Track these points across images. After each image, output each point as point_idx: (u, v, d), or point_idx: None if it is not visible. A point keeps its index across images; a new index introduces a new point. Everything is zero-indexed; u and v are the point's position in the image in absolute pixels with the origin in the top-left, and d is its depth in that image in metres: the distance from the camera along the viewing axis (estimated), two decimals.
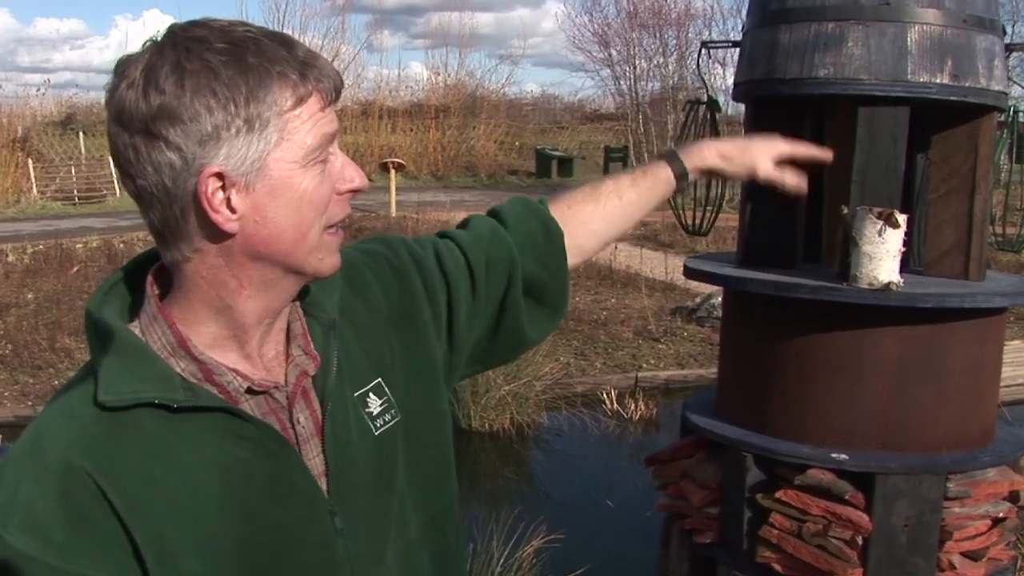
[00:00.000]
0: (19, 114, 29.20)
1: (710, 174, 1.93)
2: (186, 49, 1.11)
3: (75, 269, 13.59)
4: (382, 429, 1.35)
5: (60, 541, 1.11)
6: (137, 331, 1.21)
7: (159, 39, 1.14)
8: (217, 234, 1.16)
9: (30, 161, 25.03)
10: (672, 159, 1.86)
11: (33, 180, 24.57)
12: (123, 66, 1.13)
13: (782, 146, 1.94)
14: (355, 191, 1.25)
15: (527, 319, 1.63)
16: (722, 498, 2.50)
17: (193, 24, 1.15)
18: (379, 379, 1.38)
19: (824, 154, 1.97)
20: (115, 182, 25.40)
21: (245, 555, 1.19)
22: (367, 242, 1.49)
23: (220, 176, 1.13)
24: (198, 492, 1.16)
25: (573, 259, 1.73)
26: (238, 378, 1.22)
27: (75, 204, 24.11)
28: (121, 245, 15.81)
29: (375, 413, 1.35)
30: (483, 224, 1.65)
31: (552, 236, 1.69)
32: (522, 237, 1.65)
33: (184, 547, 1.15)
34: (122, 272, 1.28)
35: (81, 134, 28.04)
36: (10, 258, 14.70)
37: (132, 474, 1.14)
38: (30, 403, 8.15)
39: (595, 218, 1.79)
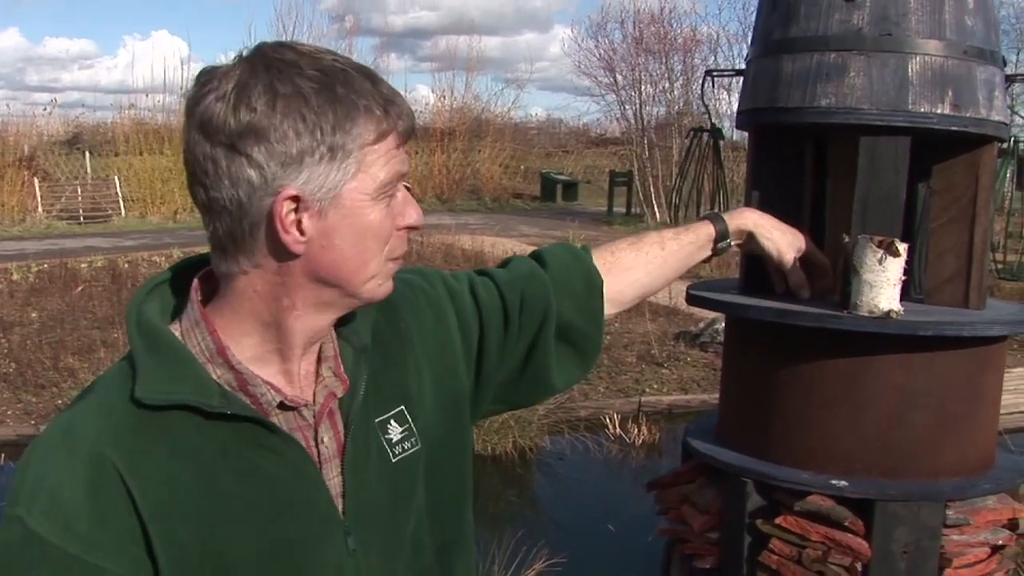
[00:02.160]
0: (26, 133, 29.31)
1: (748, 239, 2.00)
2: (279, 71, 1.14)
3: (79, 289, 13.61)
4: (400, 456, 1.37)
5: (82, 532, 1.13)
6: (177, 333, 1.24)
7: (248, 56, 1.18)
8: (282, 253, 1.19)
9: (36, 180, 25.13)
10: (715, 218, 1.96)
11: (39, 199, 24.65)
12: (208, 76, 1.16)
13: (804, 244, 2.12)
14: (412, 228, 1.28)
15: (556, 364, 1.65)
16: (722, 523, 2.51)
17: (281, 46, 1.19)
18: (402, 407, 1.40)
19: (824, 266, 2.24)
20: (120, 202, 25.49)
21: (258, 567, 1.21)
22: (404, 272, 1.52)
23: (296, 199, 1.16)
24: (219, 499, 1.18)
25: (611, 308, 1.77)
26: (272, 391, 1.24)
27: (80, 223, 24.18)
28: (126, 265, 15.83)
29: (394, 440, 1.37)
30: (523, 264, 1.69)
31: (592, 283, 1.72)
32: (561, 281, 1.68)
33: (198, 553, 1.17)
34: (168, 273, 1.32)
35: (87, 154, 28.13)
36: (15, 277, 14.74)
37: (158, 474, 1.16)
38: (33, 422, 8.17)
39: (637, 266, 1.83)
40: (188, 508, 1.16)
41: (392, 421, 1.38)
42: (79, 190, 25.79)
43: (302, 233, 1.17)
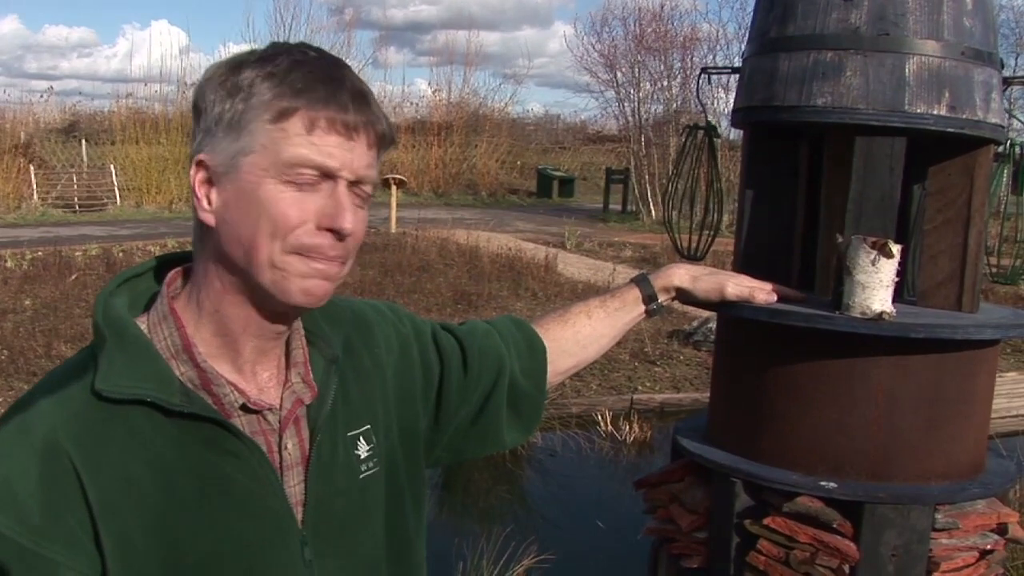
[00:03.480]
0: (22, 120, 29.32)
1: (679, 293, 2.02)
2: (262, 61, 1.20)
3: (73, 277, 13.60)
4: (366, 474, 1.36)
5: (36, 524, 1.11)
6: (144, 327, 1.23)
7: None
8: (205, 227, 1.21)
9: (32, 167, 25.07)
10: (641, 282, 1.98)
11: (34, 186, 24.61)
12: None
13: (747, 280, 2.14)
14: (333, 230, 1.22)
15: (506, 420, 1.68)
16: (710, 523, 2.50)
17: (306, 46, 1.24)
18: (369, 425, 1.39)
19: (794, 295, 2.24)
20: (115, 191, 25.43)
21: (208, 567, 1.19)
22: (376, 303, 1.55)
23: (202, 165, 1.20)
24: (172, 497, 1.16)
25: (550, 377, 1.80)
26: (235, 392, 1.22)
27: (75, 212, 24.15)
28: (120, 254, 15.81)
29: (363, 456, 1.36)
30: (478, 324, 1.73)
31: (535, 349, 1.76)
32: (511, 344, 1.72)
33: (149, 550, 1.15)
34: (143, 267, 1.32)
35: (83, 142, 28.08)
36: (9, 264, 14.71)
37: (111, 468, 1.14)
38: None
39: (565, 337, 1.85)
40: (140, 503, 1.15)
41: (361, 438, 1.37)
42: (75, 178, 25.76)
43: (209, 203, 1.20)
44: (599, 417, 8.33)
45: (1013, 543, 2.46)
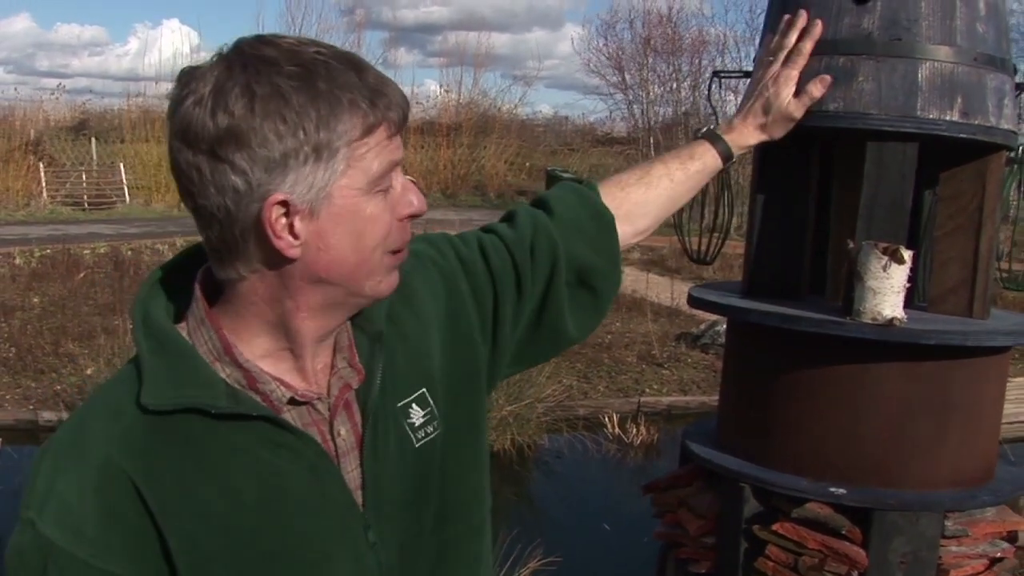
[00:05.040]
0: (32, 118, 29.35)
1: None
2: (256, 71, 1.10)
3: (82, 275, 13.63)
4: (423, 440, 1.35)
5: (92, 536, 1.12)
6: (184, 333, 1.21)
7: (227, 54, 1.13)
8: (278, 259, 1.16)
9: (41, 165, 25.13)
10: (716, 141, 1.91)
11: (44, 184, 24.68)
12: (188, 79, 1.12)
13: (793, 72, 2.06)
14: (415, 216, 1.23)
15: (570, 312, 1.62)
16: (718, 528, 2.50)
17: (261, 41, 1.14)
18: (423, 389, 1.37)
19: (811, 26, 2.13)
20: (125, 189, 25.50)
21: (275, 564, 1.19)
22: (412, 242, 1.46)
23: (284, 203, 1.12)
24: (232, 499, 1.17)
25: (627, 238, 1.75)
26: (281, 387, 1.22)
27: (84, 210, 24.21)
28: (129, 252, 15.85)
29: (417, 424, 1.35)
30: (527, 217, 1.64)
31: (603, 221, 1.69)
32: (569, 225, 1.64)
33: (215, 553, 1.16)
34: (170, 265, 1.30)
35: (93, 140, 28.13)
36: (17, 261, 14.76)
37: (169, 477, 1.14)
38: (32, 407, 8.18)
39: (648, 200, 1.81)
40: (202, 509, 1.15)
41: (414, 404, 1.35)
42: (84, 176, 25.81)
43: (295, 237, 1.14)
44: (606, 419, 8.33)
45: (1023, 551, 2.45)
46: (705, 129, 1.98)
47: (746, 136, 1.96)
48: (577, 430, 8.22)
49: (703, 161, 1.89)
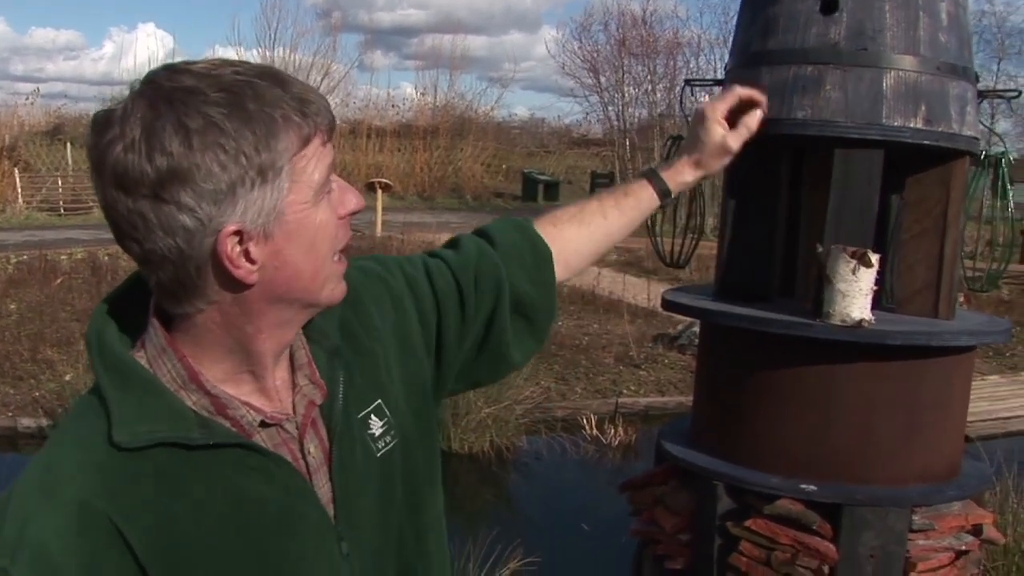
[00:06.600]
0: (6, 123, 29.15)
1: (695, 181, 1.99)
2: (184, 104, 1.06)
3: (59, 281, 13.56)
4: (383, 450, 1.37)
5: None
6: (143, 362, 1.19)
7: (143, 91, 1.09)
8: (237, 287, 1.14)
9: (16, 171, 24.93)
10: (653, 178, 1.91)
11: (19, 190, 24.47)
12: (106, 123, 1.08)
13: (721, 108, 1.98)
14: (353, 213, 1.23)
15: (513, 339, 1.64)
16: (693, 525, 2.55)
17: (174, 71, 1.10)
18: (379, 400, 1.39)
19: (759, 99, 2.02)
20: None
21: None
22: (360, 259, 1.48)
23: (239, 232, 1.10)
24: (211, 529, 1.16)
25: (560, 275, 1.75)
26: (251, 412, 1.21)
27: (60, 215, 24.03)
28: (106, 257, 15.74)
29: (376, 435, 1.36)
30: (471, 243, 1.66)
31: (540, 254, 1.70)
32: (510, 256, 1.66)
33: None
34: (106, 303, 1.26)
35: (68, 145, 27.94)
36: None
37: (146, 513, 1.13)
38: (10, 413, 8.15)
39: (580, 237, 1.81)
40: (182, 542, 1.15)
41: (372, 416, 1.36)
42: (60, 181, 25.64)
43: (252, 262, 1.12)
44: (584, 421, 8.36)
45: (988, 544, 2.52)
46: (646, 168, 2.01)
47: (683, 173, 1.96)
48: (555, 431, 8.24)
49: (637, 198, 1.89)
